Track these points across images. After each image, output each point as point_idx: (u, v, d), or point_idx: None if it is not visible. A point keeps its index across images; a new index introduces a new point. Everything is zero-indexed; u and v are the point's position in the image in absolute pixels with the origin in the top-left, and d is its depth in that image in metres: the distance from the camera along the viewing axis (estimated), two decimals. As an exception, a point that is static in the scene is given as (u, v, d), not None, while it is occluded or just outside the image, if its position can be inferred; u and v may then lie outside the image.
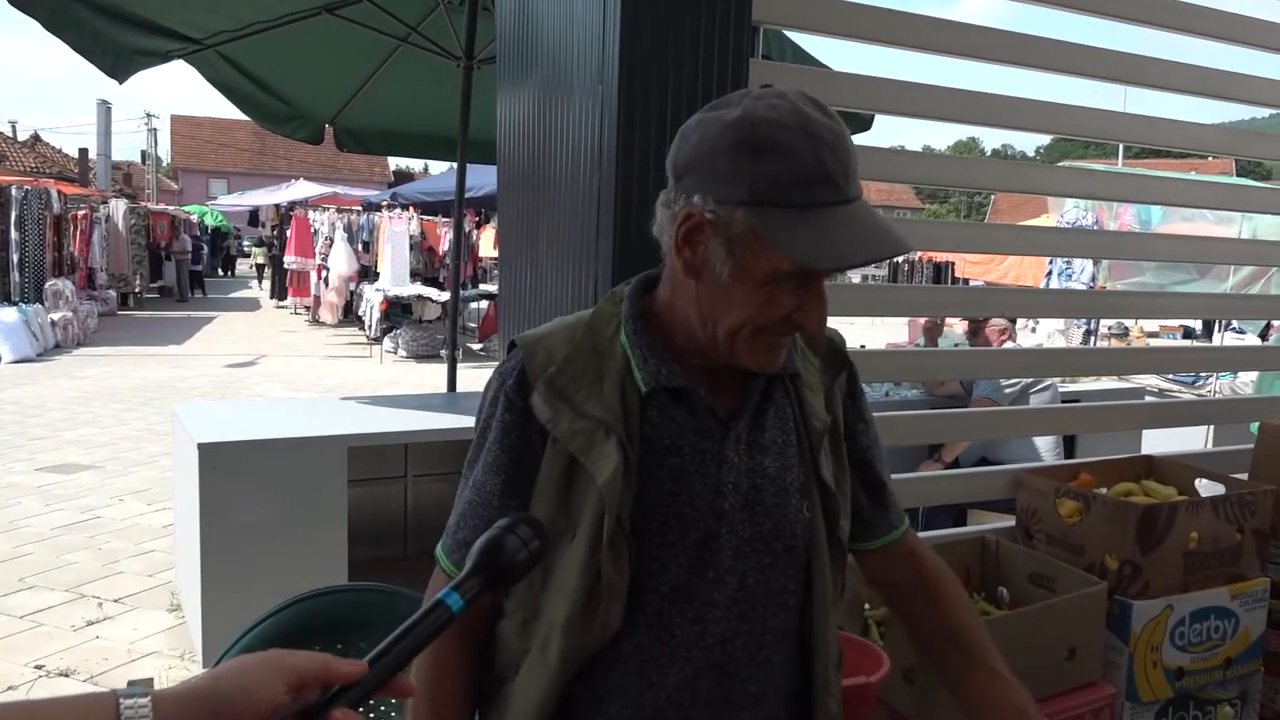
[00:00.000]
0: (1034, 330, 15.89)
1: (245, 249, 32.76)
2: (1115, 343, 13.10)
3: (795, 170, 1.05)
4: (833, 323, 1.26)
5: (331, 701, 0.83)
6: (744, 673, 1.21)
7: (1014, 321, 4.84)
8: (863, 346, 5.99)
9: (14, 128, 39.34)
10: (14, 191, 14.03)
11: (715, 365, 1.20)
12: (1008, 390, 4.34)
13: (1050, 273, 12.41)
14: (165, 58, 4.76)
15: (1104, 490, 2.15)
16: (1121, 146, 17.39)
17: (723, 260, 1.10)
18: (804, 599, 1.26)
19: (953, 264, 21.04)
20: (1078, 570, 1.91)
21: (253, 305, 22.02)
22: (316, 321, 17.30)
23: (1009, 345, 4.56)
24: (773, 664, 1.23)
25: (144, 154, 45.15)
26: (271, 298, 21.63)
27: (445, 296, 13.99)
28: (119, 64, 4.44)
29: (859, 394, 1.39)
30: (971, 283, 17.93)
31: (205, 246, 27.46)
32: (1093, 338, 13.04)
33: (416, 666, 1.11)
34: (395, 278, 15.28)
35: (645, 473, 1.18)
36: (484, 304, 14.32)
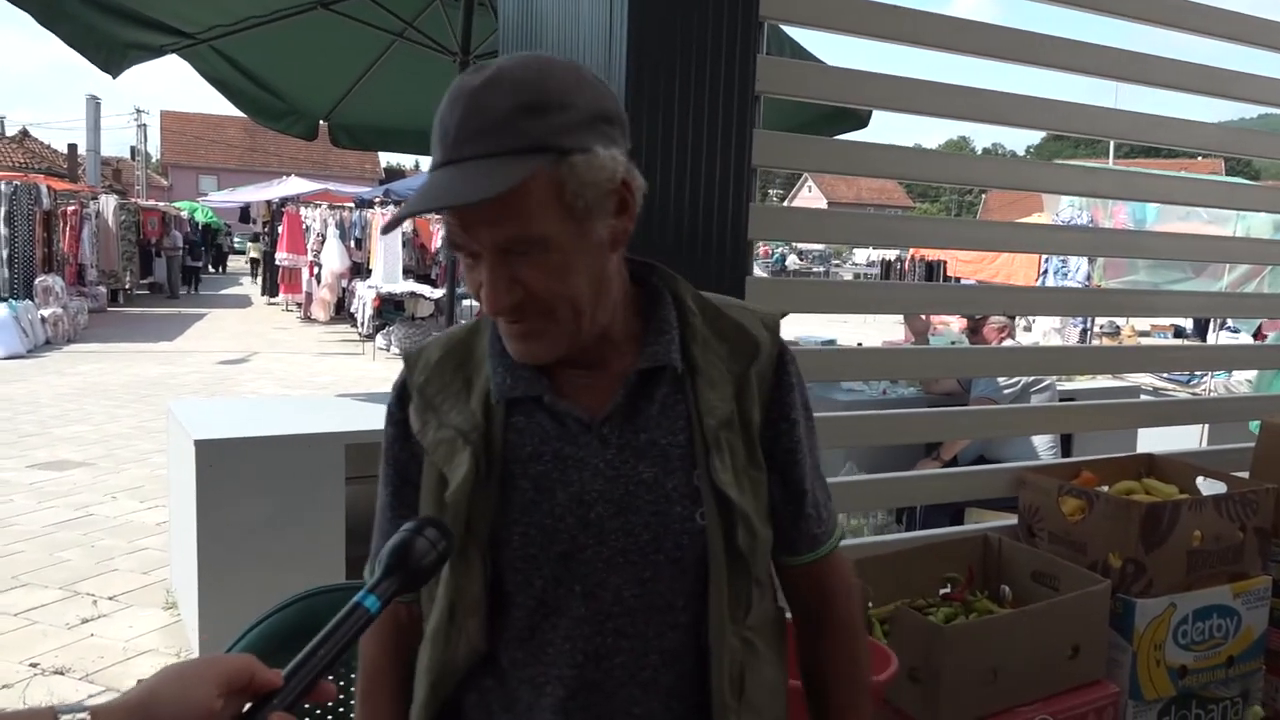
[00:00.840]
0: (1029, 329, 15.92)
1: (238, 245, 32.70)
2: (1107, 341, 13.14)
3: (433, 134, 1.04)
4: (823, 320, 1.21)
5: (262, 706, 0.84)
6: (624, 693, 1.13)
7: (1013, 319, 4.86)
8: (859, 344, 6.01)
9: (2, 123, 39.15)
10: (3, 187, 13.97)
11: (571, 365, 1.15)
12: (1007, 390, 4.34)
13: (1045, 271, 12.43)
14: (159, 52, 4.73)
15: (1106, 488, 2.15)
16: (1112, 145, 17.43)
17: None
18: (699, 615, 1.15)
19: (944, 263, 21.07)
20: (1081, 568, 1.91)
21: (244, 302, 21.95)
22: (308, 318, 17.26)
23: (1008, 343, 4.56)
24: (659, 685, 1.14)
25: (134, 150, 44.94)
26: (263, 294, 21.56)
27: (438, 294, 13.98)
28: (112, 58, 4.41)
29: (787, 386, 1.23)
30: (963, 281, 17.99)
31: (199, 243, 27.43)
32: (1089, 336, 13.07)
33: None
34: (388, 275, 15.24)
35: (508, 482, 1.13)
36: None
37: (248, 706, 0.84)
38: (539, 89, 1.01)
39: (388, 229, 1.13)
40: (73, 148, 34.15)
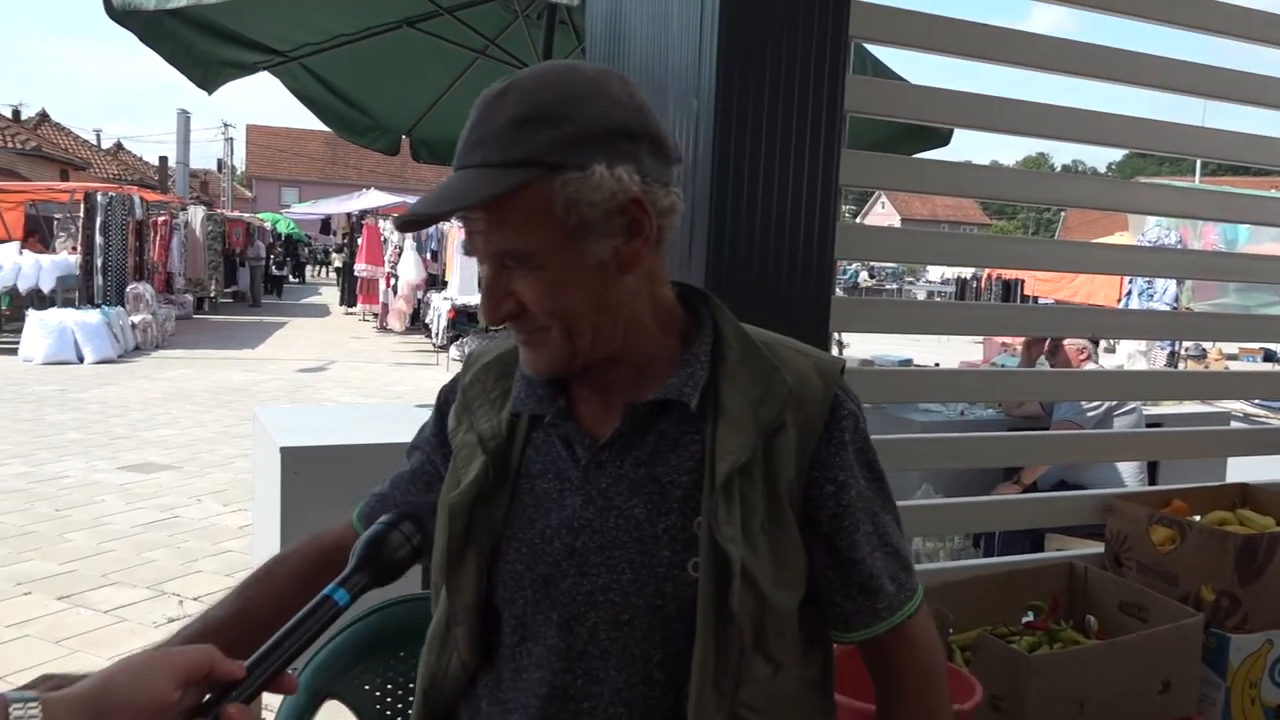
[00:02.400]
0: (1113, 350, 15.53)
1: (325, 255, 33.57)
2: (1193, 365, 12.76)
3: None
4: (898, 338, 1.15)
5: (222, 698, 0.82)
6: None
7: (1096, 343, 4.74)
8: (936, 365, 5.93)
9: (98, 136, 40.73)
10: (100, 198, 14.48)
11: (589, 386, 1.13)
12: (1090, 413, 4.24)
13: (1130, 292, 12.12)
14: (252, 69, 4.88)
15: (1198, 518, 2.09)
16: (1199, 162, 16.96)
17: None
18: (679, 678, 1.04)
19: (1022, 281, 20.67)
20: (1172, 600, 1.86)
21: (323, 311, 22.45)
22: (384, 329, 17.59)
23: (1089, 367, 4.46)
24: None
25: (220, 162, 46.31)
26: (341, 304, 22.03)
27: (512, 306, 14.10)
28: (208, 75, 4.57)
29: (838, 443, 1.11)
30: (1040, 301, 17.63)
31: (284, 252, 28.28)
32: (1177, 359, 12.71)
33: None
34: (463, 286, 15.43)
35: (515, 497, 1.13)
36: None
37: (206, 698, 0.82)
38: (537, 102, 1.00)
39: (403, 227, 1.10)
40: (163, 160, 35.38)
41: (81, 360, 12.22)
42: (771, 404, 1.08)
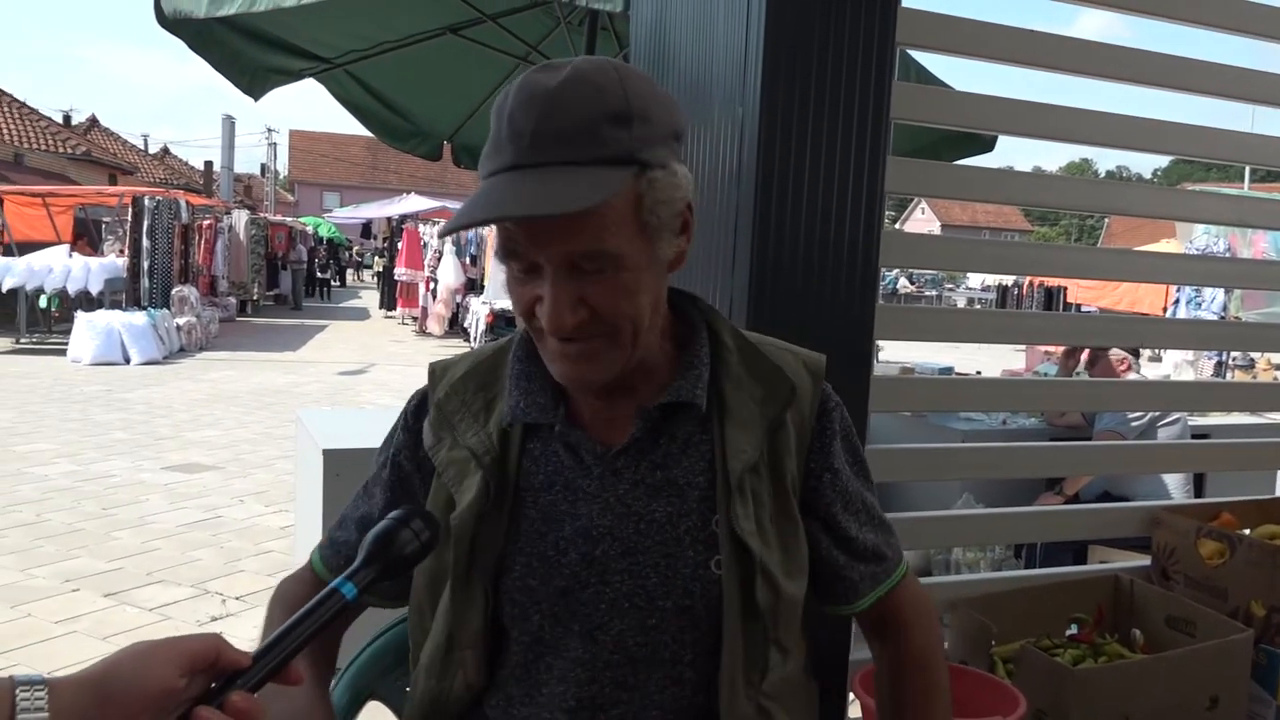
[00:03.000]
0: (1159, 359, 15.30)
1: (367, 260, 34.02)
2: (1240, 375, 12.53)
3: (487, 143, 0.99)
4: (936, 348, 1.17)
5: (227, 686, 0.81)
6: None
7: (1137, 354, 4.67)
8: (978, 373, 5.87)
9: (145, 141, 41.50)
10: (147, 202, 14.73)
11: (611, 393, 1.09)
12: (1134, 424, 4.18)
13: (1177, 300, 11.93)
14: (298, 76, 4.95)
15: (1248, 532, 2.05)
16: (1248, 169, 16.67)
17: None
18: (709, 674, 1.07)
19: (1064, 289, 20.43)
20: (1220, 615, 1.83)
21: (363, 315, 22.68)
22: (423, 332, 17.72)
23: (1131, 376, 4.40)
24: None
25: (263, 167, 47.00)
26: (380, 308, 22.24)
27: (549, 310, 14.18)
28: (255, 81, 4.64)
29: (830, 434, 1.16)
30: (1084, 309, 17.40)
31: (327, 255, 28.72)
32: (1225, 370, 12.49)
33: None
34: (501, 291, 15.53)
35: (517, 511, 1.09)
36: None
37: (212, 686, 0.81)
38: (623, 97, 0.96)
39: (446, 232, 1.06)
40: (208, 165, 35.90)
41: (128, 361, 12.44)
42: (774, 402, 1.12)
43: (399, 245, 18.74)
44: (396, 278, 19.01)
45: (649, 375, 1.11)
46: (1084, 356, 4.80)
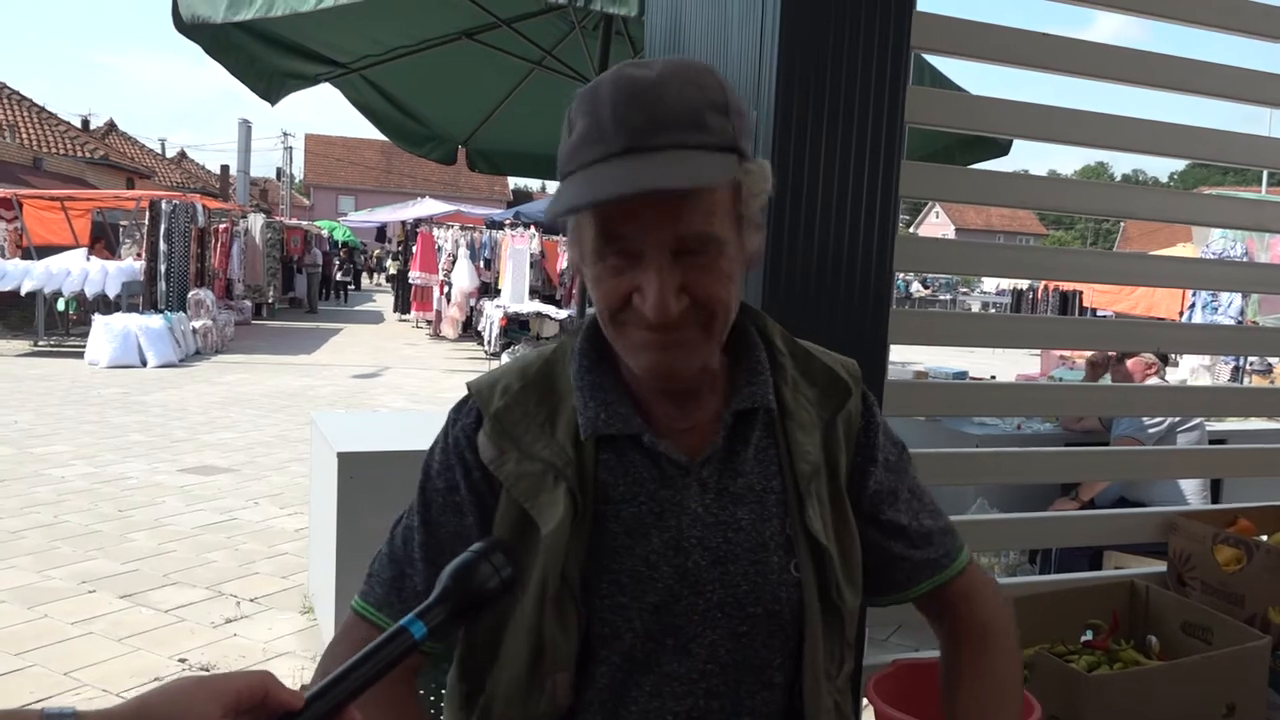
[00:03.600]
0: (1175, 364, 15.22)
1: (378, 263, 34.14)
2: (1258, 380, 12.44)
3: (582, 134, 0.97)
4: (951, 352, 1.17)
5: None
6: None
7: (1165, 358, 4.64)
8: (993, 378, 5.85)
9: (163, 145, 41.81)
10: (164, 205, 14.83)
11: (674, 398, 1.08)
12: (1151, 429, 4.16)
13: (1193, 304, 11.86)
14: (314, 80, 4.98)
15: (1265, 538, 2.04)
16: (1266, 173, 16.56)
17: (572, 246, 1.04)
18: (793, 675, 1.08)
19: (1080, 293, 20.33)
20: (1237, 622, 1.82)
21: (377, 318, 22.76)
22: (438, 335, 17.77)
23: (1153, 381, 4.38)
24: None
25: (279, 171, 47.27)
26: (395, 311, 22.31)
27: (563, 314, 14.22)
28: (271, 86, 4.67)
29: (874, 429, 1.19)
30: (1099, 313, 17.31)
31: (342, 259, 28.88)
32: (1242, 374, 12.40)
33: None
34: (515, 295, 15.59)
35: (598, 524, 1.05)
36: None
37: None
38: (720, 89, 0.98)
39: (560, 213, 0.97)
40: (225, 169, 36.19)
41: (144, 364, 12.52)
42: (829, 404, 1.14)
43: (414, 249, 18.80)
44: (411, 281, 19.08)
45: (714, 380, 1.11)
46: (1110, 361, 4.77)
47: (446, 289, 17.55)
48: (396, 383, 12.39)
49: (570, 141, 0.98)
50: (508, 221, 19.31)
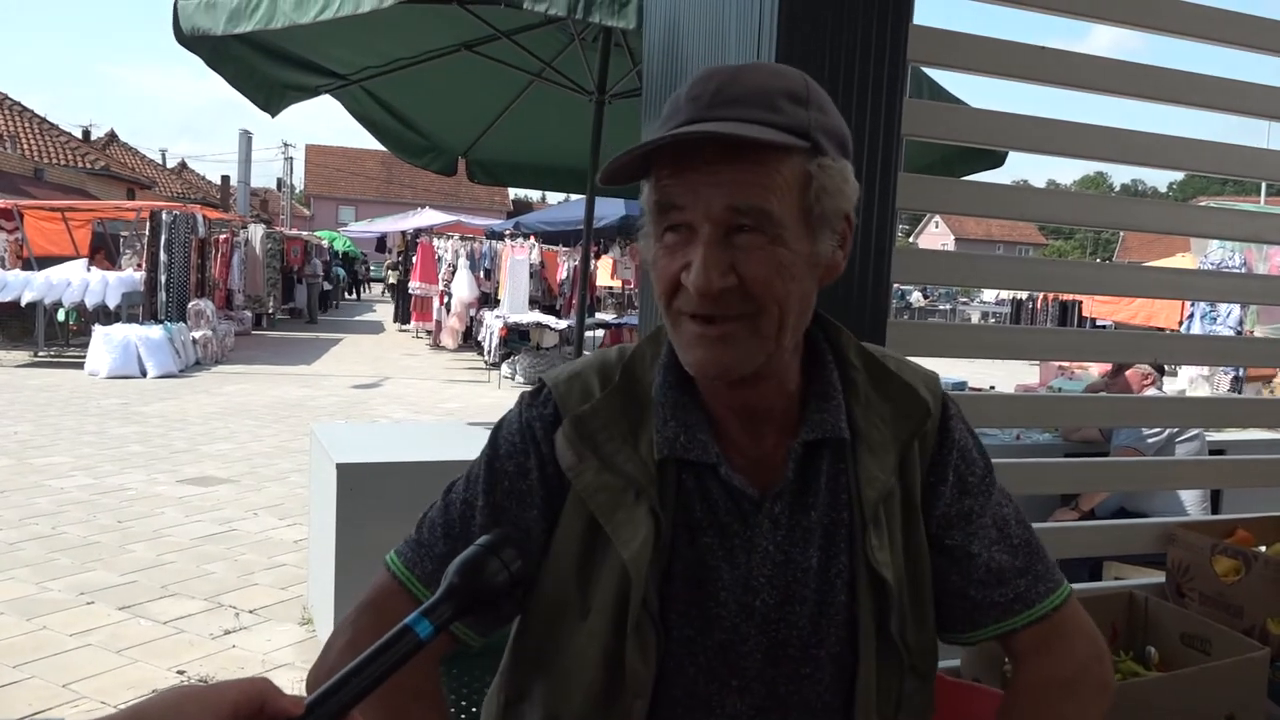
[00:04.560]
0: (1174, 374, 15.22)
1: (374, 273, 34.14)
2: (1261, 391, 12.43)
3: (663, 114, 0.97)
4: (949, 362, 1.12)
5: None
6: None
7: (1161, 369, 4.64)
8: (992, 388, 5.85)
9: (163, 156, 41.92)
10: (164, 216, 14.85)
11: (750, 424, 1.03)
12: (1151, 439, 4.16)
13: (1192, 314, 11.87)
14: (314, 92, 5.00)
15: (1264, 549, 2.04)
16: (1264, 184, 16.62)
17: (645, 242, 1.00)
18: (849, 712, 1.03)
19: (1080, 303, 20.36)
20: (1236, 633, 1.82)
21: (377, 328, 22.77)
22: (437, 346, 17.77)
23: (1151, 392, 4.38)
24: None
25: (280, 181, 47.35)
26: (395, 321, 22.33)
27: (563, 324, 14.23)
28: (272, 98, 4.69)
29: (949, 445, 1.10)
30: (1099, 323, 17.33)
31: (341, 271, 28.87)
32: (1241, 385, 12.41)
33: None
34: (515, 305, 15.59)
35: (674, 552, 1.01)
36: (600, 333, 14.51)
37: None
38: (803, 84, 0.97)
39: (609, 167, 0.94)
40: (225, 179, 36.26)
41: (144, 374, 12.52)
42: (904, 424, 1.07)
43: (414, 259, 18.83)
44: (411, 291, 19.09)
45: (786, 403, 1.05)
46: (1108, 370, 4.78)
47: (446, 299, 17.56)
48: (396, 393, 12.39)
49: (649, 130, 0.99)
50: (508, 232, 19.35)
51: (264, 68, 4.50)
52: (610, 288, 18.25)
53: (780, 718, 1.02)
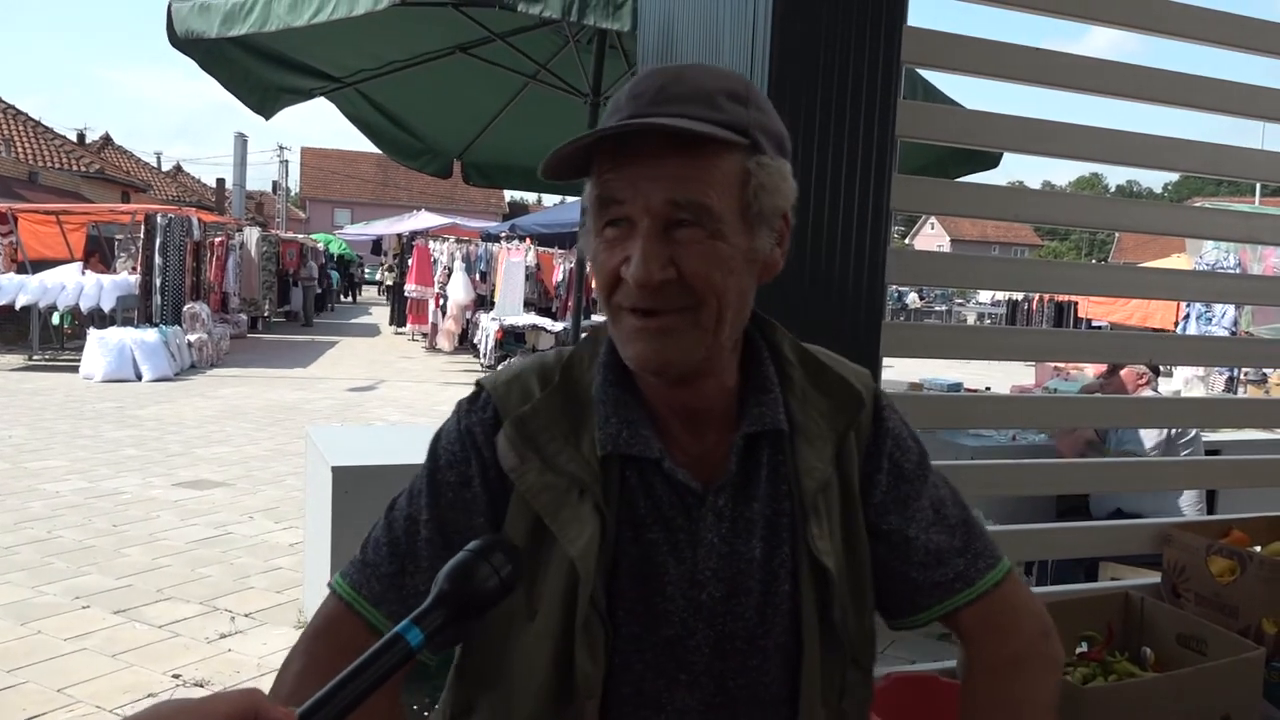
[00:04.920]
0: (1169, 374, 15.25)
1: (369, 275, 34.11)
2: (1253, 390, 12.46)
3: (609, 109, 0.99)
4: (946, 364, 1.13)
5: None
6: None
7: (1156, 370, 4.65)
8: (987, 389, 5.85)
9: (158, 159, 41.85)
10: (159, 219, 14.82)
11: (691, 420, 1.04)
12: (1148, 444, 4.16)
13: (1187, 315, 11.89)
14: (308, 95, 5.00)
15: (1259, 549, 2.04)
16: (1259, 184, 16.65)
17: (585, 239, 1.02)
18: (795, 701, 1.04)
19: (1075, 303, 20.39)
20: (1231, 633, 1.82)
21: (372, 331, 22.73)
22: (433, 348, 17.76)
23: (1146, 393, 4.38)
24: None
25: (275, 184, 47.28)
26: (391, 324, 22.30)
27: (559, 326, 14.22)
28: (266, 100, 4.69)
29: (883, 435, 1.13)
30: (1094, 324, 17.35)
31: (335, 274, 28.82)
32: (1236, 385, 12.43)
33: None
34: (510, 307, 15.59)
35: (619, 548, 1.01)
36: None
37: None
38: (743, 84, 0.99)
39: (553, 161, 0.95)
40: (220, 182, 36.20)
41: (140, 378, 12.49)
42: (841, 415, 1.09)
43: (409, 262, 18.81)
44: (407, 294, 19.08)
45: (724, 398, 1.06)
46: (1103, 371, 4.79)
47: (442, 302, 17.56)
48: (392, 396, 12.38)
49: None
50: (503, 234, 19.35)
51: (258, 70, 4.50)
52: (607, 290, 18.24)
53: (729, 712, 1.02)
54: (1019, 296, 25.52)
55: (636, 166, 0.93)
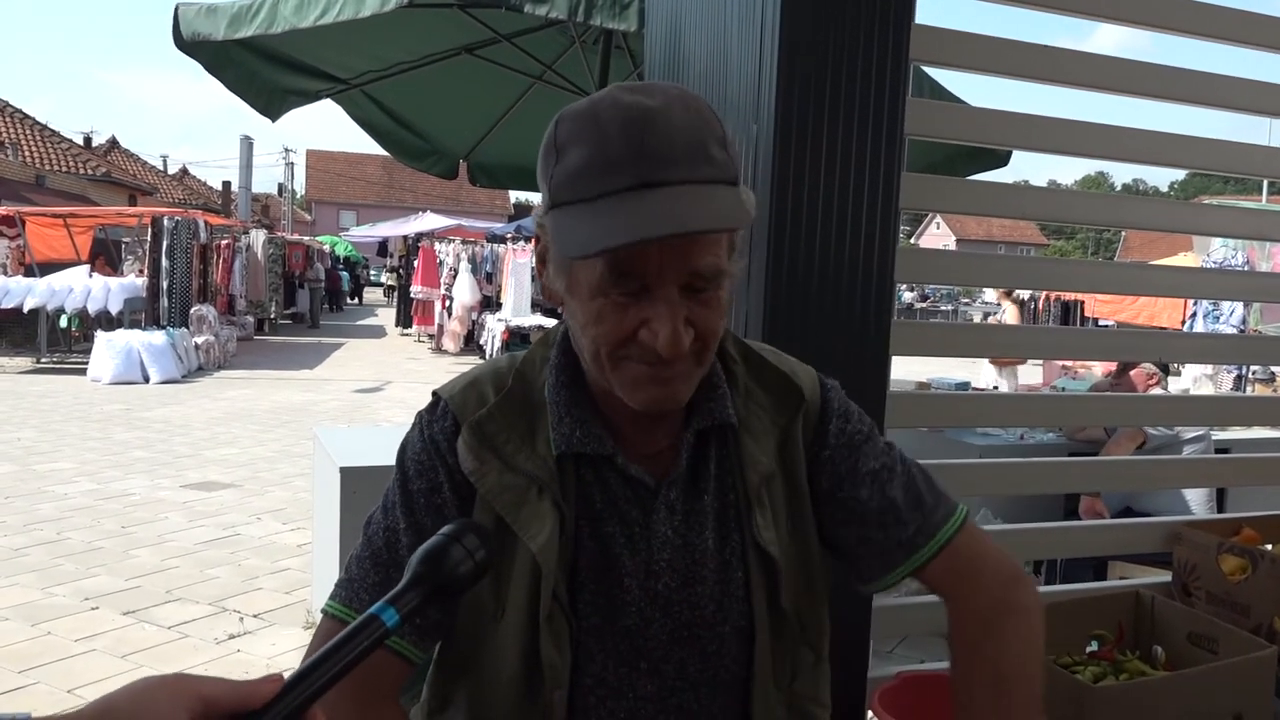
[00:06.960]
0: (1178, 373, 15.19)
1: (374, 277, 34.17)
2: (1261, 389, 12.41)
3: (585, 160, 0.93)
4: (953, 363, 1.14)
5: None
6: None
7: (1166, 369, 4.63)
8: (995, 388, 5.84)
9: (165, 162, 41.94)
10: (166, 222, 14.86)
11: (644, 419, 1.06)
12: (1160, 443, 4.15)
13: (1195, 313, 11.84)
14: (315, 97, 5.00)
15: (1269, 547, 2.03)
16: (1266, 182, 16.58)
17: (558, 277, 1.00)
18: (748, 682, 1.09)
19: (1081, 302, 20.32)
20: (1243, 632, 1.81)
21: (379, 333, 22.76)
22: (439, 350, 17.78)
23: (1156, 392, 4.37)
24: None
25: (281, 186, 47.34)
26: (397, 325, 22.33)
27: (565, 327, 14.22)
28: (272, 103, 4.69)
29: (828, 417, 1.16)
30: (1101, 322, 17.30)
31: (345, 274, 28.94)
32: (1245, 383, 12.38)
33: None
34: (516, 308, 15.60)
35: (577, 543, 1.05)
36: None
37: None
38: (717, 120, 0.97)
39: (587, 255, 0.92)
40: (226, 185, 36.23)
41: (147, 380, 12.53)
42: (783, 410, 1.13)
43: (415, 263, 18.83)
44: (413, 295, 19.11)
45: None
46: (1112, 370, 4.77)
47: (448, 303, 17.58)
48: (399, 397, 12.39)
49: (567, 167, 0.94)
50: (509, 235, 19.36)
51: (264, 72, 4.50)
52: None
53: (691, 696, 1.06)
54: (1025, 295, 25.46)
55: (661, 244, 0.92)
